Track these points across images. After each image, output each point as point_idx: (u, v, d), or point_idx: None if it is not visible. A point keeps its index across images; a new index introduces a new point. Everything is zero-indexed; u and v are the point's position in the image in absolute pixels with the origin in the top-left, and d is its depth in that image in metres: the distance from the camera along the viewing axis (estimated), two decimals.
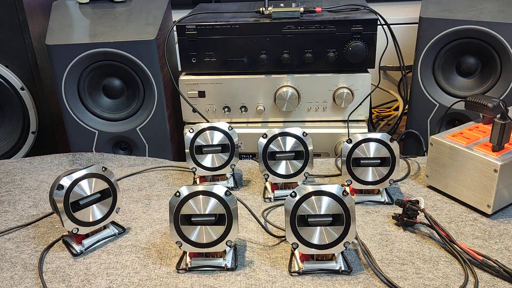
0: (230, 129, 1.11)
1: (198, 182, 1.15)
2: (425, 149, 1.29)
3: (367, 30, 1.21)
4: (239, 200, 0.93)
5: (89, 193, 0.92)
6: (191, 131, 1.10)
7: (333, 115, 1.30)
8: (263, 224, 0.98)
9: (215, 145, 1.10)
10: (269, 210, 1.05)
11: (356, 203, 1.05)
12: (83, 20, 1.32)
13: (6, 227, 1.02)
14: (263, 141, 1.05)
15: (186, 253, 0.88)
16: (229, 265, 0.86)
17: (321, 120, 1.31)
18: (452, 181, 1.03)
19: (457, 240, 0.88)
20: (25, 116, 1.38)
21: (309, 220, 0.82)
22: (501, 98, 1.15)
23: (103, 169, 0.93)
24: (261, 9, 1.28)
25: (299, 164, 1.05)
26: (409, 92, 1.33)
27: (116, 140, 1.33)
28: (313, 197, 0.82)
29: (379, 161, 1.01)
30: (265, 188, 1.12)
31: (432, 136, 1.06)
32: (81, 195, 0.91)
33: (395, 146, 1.00)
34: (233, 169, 1.12)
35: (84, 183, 0.91)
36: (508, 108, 1.06)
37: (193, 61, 1.28)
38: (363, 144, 1.01)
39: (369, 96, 1.28)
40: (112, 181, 0.95)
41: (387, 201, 1.05)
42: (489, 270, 0.83)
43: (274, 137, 1.05)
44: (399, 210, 0.98)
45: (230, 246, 0.85)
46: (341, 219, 0.82)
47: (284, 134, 1.05)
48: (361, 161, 1.01)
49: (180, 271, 0.86)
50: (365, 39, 1.22)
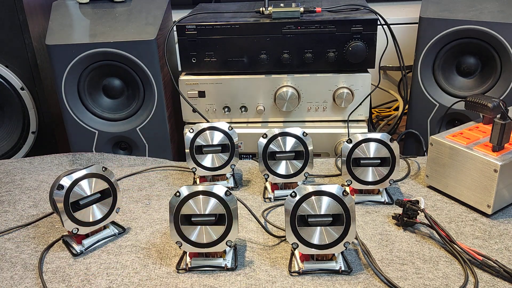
0: (230, 129, 1.11)
1: (198, 182, 1.15)
2: (425, 149, 1.29)
3: (367, 30, 1.21)
4: (239, 200, 0.93)
5: (89, 193, 0.92)
6: (191, 131, 1.10)
7: (333, 115, 1.30)
8: (263, 224, 0.98)
9: (215, 145, 1.10)
10: (269, 210, 1.05)
11: (356, 203, 1.05)
12: (83, 20, 1.32)
13: (6, 227, 1.02)
14: (263, 141, 1.05)
15: (186, 253, 0.88)
16: (229, 265, 0.86)
17: (321, 120, 1.31)
18: (452, 181, 1.03)
19: (457, 240, 0.88)
20: (25, 116, 1.38)
21: (309, 220, 0.82)
22: (501, 98, 1.15)
23: (103, 169, 0.93)
24: (261, 9, 1.28)
25: (299, 164, 1.05)
26: (409, 92, 1.33)
27: (116, 140, 1.33)
28: (313, 197, 0.82)
29: (379, 161, 1.01)
30: (265, 188, 1.12)
31: (432, 136, 1.06)
32: (81, 195, 0.91)
33: (395, 146, 1.00)
34: (233, 169, 1.12)
35: (84, 183, 0.91)
36: (508, 108, 1.06)
37: (193, 61, 1.28)
38: (363, 144, 1.01)
39: (369, 96, 1.28)
40: (112, 181, 0.95)
41: (387, 201, 1.05)
42: (489, 270, 0.83)
43: (274, 137, 1.05)
44: (399, 210, 0.98)
45: (230, 246, 0.85)
46: (341, 219, 0.82)
47: (284, 134, 1.05)
48: (361, 161, 1.01)
49: (180, 271, 0.86)
50: (365, 39, 1.22)
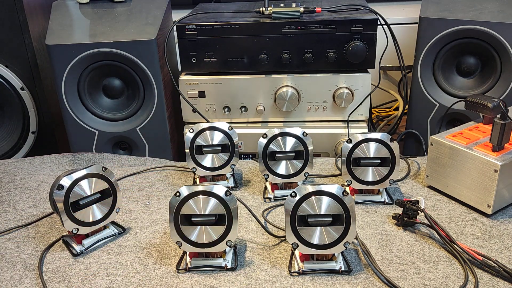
0: (230, 129, 1.11)
1: (198, 182, 1.15)
2: (425, 149, 1.29)
3: (367, 30, 1.21)
4: (239, 200, 0.93)
5: (89, 193, 0.92)
6: (191, 131, 1.10)
7: (333, 115, 1.30)
8: (263, 224, 0.98)
9: (215, 145, 1.10)
10: (269, 210, 1.05)
11: (356, 203, 1.05)
12: (83, 20, 1.32)
13: (6, 227, 1.02)
14: (263, 141, 1.05)
15: (186, 253, 0.88)
16: (229, 265, 0.86)
17: (321, 120, 1.31)
18: (452, 181, 1.03)
19: (457, 240, 0.88)
20: (25, 116, 1.37)
21: (309, 220, 0.82)
22: (501, 98, 1.15)
23: (103, 169, 0.93)
24: (261, 9, 1.28)
25: (299, 164, 1.05)
26: (409, 92, 1.33)
27: (116, 140, 1.33)
28: (313, 197, 0.82)
29: (379, 161, 1.01)
30: (265, 188, 1.12)
31: (432, 136, 1.06)
32: (81, 195, 0.91)
33: (395, 146, 1.00)
34: (233, 169, 1.12)
35: (84, 183, 0.91)
36: (508, 108, 1.06)
37: (193, 61, 1.28)
38: (363, 144, 1.01)
39: (369, 96, 1.28)
40: (112, 181, 0.95)
41: (387, 201, 1.05)
42: (489, 270, 0.83)
43: (274, 137, 1.05)
44: (399, 210, 0.98)
45: (230, 246, 0.85)
46: (341, 219, 0.82)
47: (284, 134, 1.05)
48: (361, 161, 1.01)
49: (180, 271, 0.86)
50: (365, 39, 1.22)
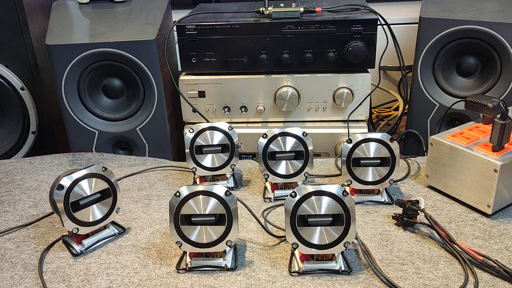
0: (230, 129, 1.11)
1: (198, 182, 1.15)
2: (425, 149, 1.29)
3: (367, 30, 1.21)
4: (239, 200, 0.93)
5: (89, 193, 0.92)
6: (191, 131, 1.10)
7: (333, 115, 1.30)
8: (263, 224, 0.98)
9: (215, 145, 1.10)
10: (269, 210, 1.05)
11: (356, 203, 1.05)
12: (83, 20, 1.32)
13: (6, 227, 1.02)
14: (263, 141, 1.05)
15: (186, 253, 0.88)
16: (229, 265, 0.86)
17: (321, 120, 1.31)
18: (452, 181, 1.03)
19: (457, 240, 0.88)
20: (25, 116, 1.37)
21: (309, 220, 0.82)
22: (501, 98, 1.15)
23: (103, 169, 0.93)
24: (261, 9, 1.28)
25: (299, 164, 1.05)
26: (409, 92, 1.33)
27: (116, 140, 1.33)
28: (313, 197, 0.82)
29: (379, 161, 1.01)
30: (265, 188, 1.12)
31: (432, 136, 1.06)
32: (81, 195, 0.91)
33: (395, 146, 1.00)
34: (233, 169, 1.12)
35: (84, 183, 0.91)
36: (508, 108, 1.06)
37: (193, 61, 1.28)
38: (363, 144, 1.01)
39: (369, 96, 1.28)
40: (112, 181, 0.95)
41: (387, 201, 1.05)
42: (489, 270, 0.83)
43: (274, 137, 1.05)
44: (399, 210, 0.98)
45: (230, 246, 0.85)
46: (341, 219, 0.82)
47: (284, 134, 1.05)
48: (361, 161, 1.01)
49: (180, 271, 0.86)
50: (365, 39, 1.22)
